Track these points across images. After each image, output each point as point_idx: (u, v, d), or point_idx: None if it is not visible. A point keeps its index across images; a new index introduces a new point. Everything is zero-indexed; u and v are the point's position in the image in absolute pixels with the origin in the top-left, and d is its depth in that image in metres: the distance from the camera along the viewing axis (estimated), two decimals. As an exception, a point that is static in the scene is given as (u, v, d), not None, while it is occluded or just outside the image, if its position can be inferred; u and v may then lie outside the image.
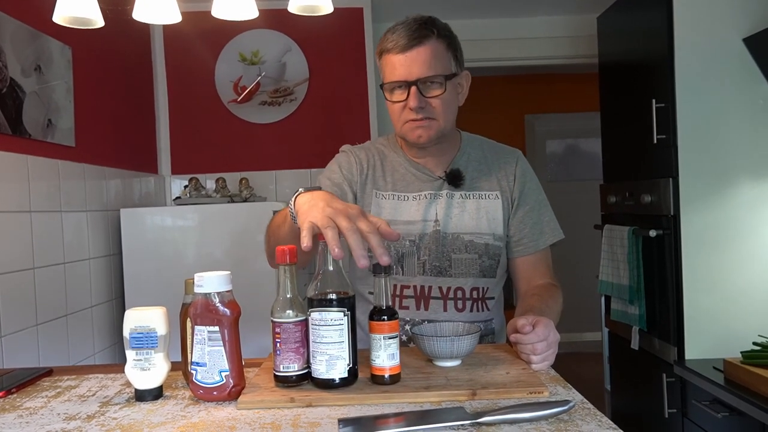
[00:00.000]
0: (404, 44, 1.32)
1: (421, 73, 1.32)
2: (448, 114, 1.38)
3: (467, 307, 1.42)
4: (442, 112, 1.36)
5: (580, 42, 3.45)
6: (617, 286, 2.55)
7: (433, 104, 1.35)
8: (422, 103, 1.33)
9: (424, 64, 1.32)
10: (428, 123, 1.36)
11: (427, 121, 1.35)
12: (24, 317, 1.87)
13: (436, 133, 1.37)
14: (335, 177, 1.45)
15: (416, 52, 1.32)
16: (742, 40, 2.19)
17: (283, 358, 0.99)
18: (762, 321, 2.19)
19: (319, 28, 3.07)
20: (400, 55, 1.32)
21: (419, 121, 1.35)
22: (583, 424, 0.83)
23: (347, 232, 0.93)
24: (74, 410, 0.97)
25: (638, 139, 2.47)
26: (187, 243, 2.47)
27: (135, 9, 1.31)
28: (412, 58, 1.32)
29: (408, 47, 1.32)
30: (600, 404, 2.84)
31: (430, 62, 1.32)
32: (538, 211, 1.47)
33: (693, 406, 2.16)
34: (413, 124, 1.36)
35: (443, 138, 1.41)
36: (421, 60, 1.32)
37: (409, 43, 1.32)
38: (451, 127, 1.42)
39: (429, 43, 1.33)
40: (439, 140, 1.41)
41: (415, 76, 1.32)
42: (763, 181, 2.22)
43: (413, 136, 1.38)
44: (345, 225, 0.94)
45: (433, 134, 1.37)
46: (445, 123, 1.38)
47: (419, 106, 1.33)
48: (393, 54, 1.33)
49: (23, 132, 1.90)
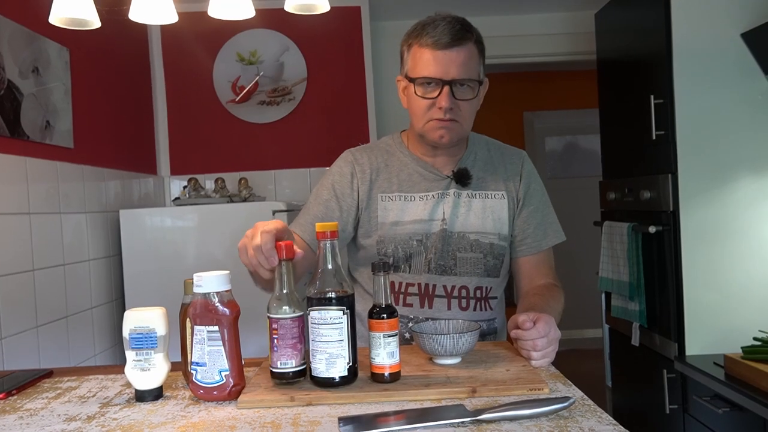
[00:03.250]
0: (447, 42, 1.31)
1: (458, 74, 1.32)
2: (471, 118, 1.39)
3: (471, 306, 1.42)
4: (468, 116, 1.37)
5: (579, 39, 3.45)
6: (617, 282, 2.55)
7: (461, 107, 1.34)
8: (452, 104, 1.33)
9: (462, 65, 1.32)
10: (452, 125, 1.36)
11: (452, 123, 1.35)
12: (24, 319, 1.87)
13: (457, 135, 1.38)
14: (324, 194, 1.45)
15: (456, 52, 1.31)
16: (741, 35, 2.19)
17: (280, 354, 0.99)
18: (762, 316, 2.19)
19: (317, 28, 3.07)
20: (440, 52, 1.31)
21: (445, 121, 1.34)
22: (583, 421, 0.84)
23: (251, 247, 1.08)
24: (74, 411, 0.98)
25: (637, 135, 2.47)
26: (186, 243, 2.47)
27: (131, 10, 1.31)
28: (451, 58, 1.31)
29: (450, 45, 1.31)
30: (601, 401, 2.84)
31: (468, 65, 1.33)
32: (542, 211, 1.47)
33: (694, 401, 2.16)
34: (438, 123, 1.35)
35: (460, 141, 1.43)
36: (459, 61, 1.32)
37: (451, 42, 1.31)
38: (469, 131, 1.43)
39: (468, 46, 1.33)
40: (457, 143, 1.42)
41: (451, 76, 1.31)
42: (763, 176, 2.22)
43: (435, 135, 1.37)
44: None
45: (455, 137, 1.38)
46: (466, 127, 1.39)
47: (449, 107, 1.32)
48: (431, 49, 1.32)
49: (21, 134, 1.90)
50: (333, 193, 1.44)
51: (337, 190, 1.44)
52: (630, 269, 2.43)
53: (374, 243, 1.42)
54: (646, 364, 2.50)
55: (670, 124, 2.23)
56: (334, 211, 1.43)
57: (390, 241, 1.41)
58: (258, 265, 1.06)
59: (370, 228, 1.43)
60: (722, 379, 1.97)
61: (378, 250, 1.41)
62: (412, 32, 1.36)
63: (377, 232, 1.42)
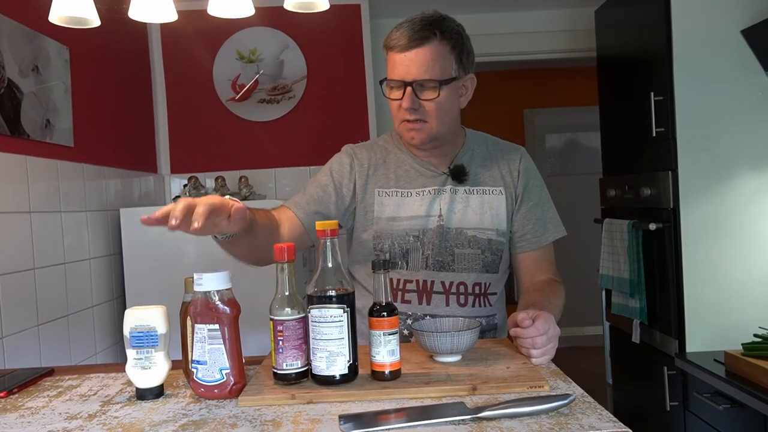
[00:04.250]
0: (404, 44, 1.32)
1: (417, 75, 1.32)
2: (443, 117, 1.38)
3: (469, 302, 1.42)
4: (436, 116, 1.36)
5: (579, 36, 3.45)
6: (618, 279, 2.55)
7: (426, 107, 1.35)
8: (415, 104, 1.34)
9: (422, 66, 1.32)
10: (420, 126, 1.36)
11: (419, 124, 1.36)
12: (25, 318, 1.87)
13: (428, 136, 1.38)
14: (323, 179, 1.46)
15: (415, 53, 1.32)
16: (741, 32, 2.19)
17: (286, 356, 0.99)
18: (763, 313, 2.19)
19: (317, 25, 3.07)
20: (400, 54, 1.33)
21: (412, 123, 1.36)
22: (583, 418, 0.84)
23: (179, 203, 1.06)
24: (76, 410, 0.98)
25: (637, 132, 2.47)
26: (187, 242, 2.47)
27: (131, 8, 1.31)
28: (410, 59, 1.32)
29: (407, 47, 1.32)
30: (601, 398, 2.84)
31: (428, 65, 1.32)
32: (542, 207, 1.47)
33: (694, 398, 2.16)
34: (407, 125, 1.37)
35: (440, 140, 1.42)
36: (419, 62, 1.32)
37: (408, 43, 1.32)
38: (447, 129, 1.41)
39: (429, 45, 1.32)
40: (434, 143, 1.41)
41: (411, 78, 1.32)
42: (763, 173, 2.22)
43: (407, 136, 1.40)
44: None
45: (425, 137, 1.38)
46: (438, 127, 1.38)
47: (412, 107, 1.34)
48: (394, 52, 1.34)
49: (22, 133, 1.90)
50: (331, 178, 1.45)
51: (335, 178, 1.45)
52: (630, 266, 2.43)
53: (370, 238, 1.42)
54: (646, 361, 2.50)
55: (670, 121, 2.23)
56: (330, 196, 1.43)
57: (386, 237, 1.41)
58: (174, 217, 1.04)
59: (366, 222, 1.44)
60: (723, 375, 1.97)
61: (374, 245, 1.42)
62: (387, 36, 1.38)
63: (373, 227, 1.42)
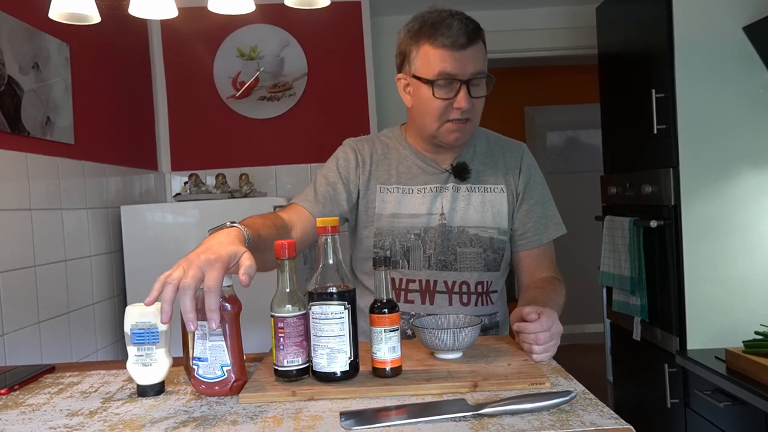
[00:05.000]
0: (464, 42, 1.28)
1: (474, 71, 1.30)
2: (480, 116, 1.38)
3: (472, 301, 1.42)
4: (479, 113, 1.36)
5: (580, 33, 3.44)
6: (619, 277, 2.55)
7: (475, 105, 1.33)
8: (470, 104, 1.31)
9: (478, 63, 1.31)
10: (467, 126, 1.35)
11: (466, 123, 1.34)
12: (26, 315, 1.88)
13: (470, 135, 1.38)
14: (331, 176, 1.44)
15: (472, 50, 1.30)
16: (742, 29, 2.18)
17: (287, 353, 0.99)
18: (763, 310, 2.19)
19: (318, 23, 3.06)
20: (457, 51, 1.28)
21: (461, 123, 1.33)
22: (584, 415, 0.83)
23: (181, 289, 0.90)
24: (77, 406, 0.98)
25: (638, 129, 2.46)
26: (187, 239, 2.47)
27: (131, 4, 1.31)
28: (469, 56, 1.29)
29: (467, 45, 1.28)
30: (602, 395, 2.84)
31: (481, 62, 1.32)
32: (543, 205, 1.47)
33: (695, 395, 2.16)
34: (454, 125, 1.33)
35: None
36: (476, 59, 1.30)
37: (468, 42, 1.28)
38: None
39: (480, 42, 1.32)
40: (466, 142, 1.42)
41: (468, 75, 1.29)
42: (764, 170, 2.21)
43: (450, 138, 1.35)
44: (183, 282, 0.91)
45: (468, 137, 1.38)
46: (477, 125, 1.39)
47: (468, 107, 1.31)
48: (449, 50, 1.28)
49: (22, 130, 1.90)
50: (338, 174, 1.44)
51: (342, 174, 1.44)
52: (631, 264, 2.43)
53: (371, 235, 1.42)
54: (647, 358, 2.50)
55: (671, 118, 2.22)
56: (340, 193, 1.42)
57: (387, 234, 1.40)
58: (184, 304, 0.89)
59: (367, 219, 1.43)
60: (723, 373, 1.97)
61: (375, 242, 1.41)
62: (421, 31, 1.31)
63: (374, 224, 1.42)
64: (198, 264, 0.93)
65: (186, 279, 0.91)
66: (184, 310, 0.90)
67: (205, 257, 0.94)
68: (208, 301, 0.91)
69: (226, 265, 0.94)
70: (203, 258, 0.94)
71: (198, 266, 0.93)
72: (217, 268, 0.93)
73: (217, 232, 1.06)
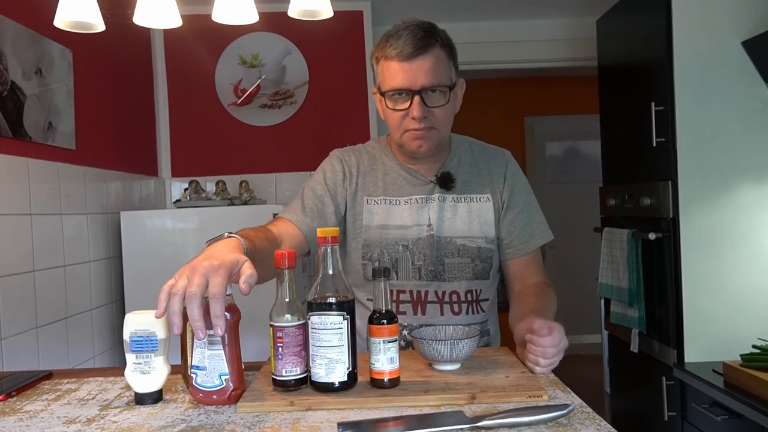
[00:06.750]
0: (410, 52, 1.28)
1: (426, 81, 1.29)
2: (448, 123, 1.38)
3: (463, 311, 1.42)
4: (444, 121, 1.36)
5: (580, 45, 3.46)
6: (617, 288, 2.55)
7: (435, 114, 1.33)
8: (425, 113, 1.31)
9: (429, 73, 1.30)
10: (429, 133, 1.34)
11: (428, 131, 1.34)
12: (24, 320, 1.87)
13: (435, 143, 1.37)
14: (318, 189, 1.45)
15: (421, 60, 1.29)
16: (741, 44, 2.20)
17: (285, 362, 0.99)
18: (761, 324, 2.19)
19: (319, 31, 3.08)
20: (405, 63, 1.29)
21: (421, 131, 1.33)
22: (582, 428, 0.84)
23: (187, 298, 0.90)
24: (74, 413, 0.98)
25: (638, 141, 2.47)
26: (187, 246, 2.47)
27: (136, 13, 1.31)
28: (417, 67, 1.29)
29: (414, 55, 1.29)
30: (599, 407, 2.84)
31: (435, 70, 1.30)
32: (528, 212, 1.47)
33: (692, 409, 2.16)
34: (414, 134, 1.34)
35: (440, 147, 1.42)
36: (425, 69, 1.29)
37: (414, 51, 1.28)
38: (448, 135, 1.42)
39: (433, 52, 1.31)
40: (436, 150, 1.41)
41: (419, 86, 1.30)
42: (763, 184, 2.22)
43: (413, 146, 1.36)
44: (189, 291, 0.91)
45: (433, 144, 1.37)
46: (444, 132, 1.38)
47: (422, 116, 1.31)
48: (396, 61, 1.30)
49: (24, 135, 1.90)
50: (326, 187, 1.44)
51: (329, 186, 1.44)
52: (630, 276, 2.44)
53: (359, 246, 1.42)
54: (645, 370, 2.50)
55: (670, 130, 2.23)
56: (328, 206, 1.42)
57: (376, 246, 1.40)
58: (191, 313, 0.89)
59: (355, 230, 1.43)
60: (721, 386, 1.97)
61: (363, 254, 1.41)
62: (378, 44, 1.35)
63: (362, 235, 1.42)
64: (202, 271, 0.93)
65: (191, 288, 0.91)
66: (192, 319, 0.90)
67: (208, 264, 0.94)
68: (213, 308, 0.91)
69: (229, 272, 0.95)
70: (206, 265, 0.94)
71: (202, 273, 0.93)
72: (221, 274, 0.93)
73: (217, 242, 1.07)
